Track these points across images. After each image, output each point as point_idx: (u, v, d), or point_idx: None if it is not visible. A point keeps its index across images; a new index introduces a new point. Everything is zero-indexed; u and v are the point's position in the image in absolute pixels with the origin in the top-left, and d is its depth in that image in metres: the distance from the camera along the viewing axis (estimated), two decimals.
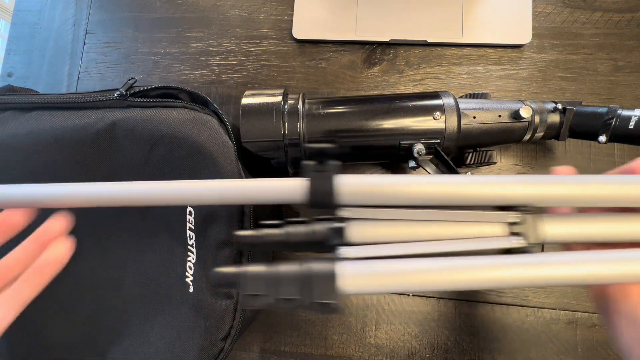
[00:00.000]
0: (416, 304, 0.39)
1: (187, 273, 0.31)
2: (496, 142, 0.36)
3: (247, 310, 0.32)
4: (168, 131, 0.31)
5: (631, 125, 0.31)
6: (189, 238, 0.31)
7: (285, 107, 0.33)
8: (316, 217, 0.21)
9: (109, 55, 0.47)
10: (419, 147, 0.33)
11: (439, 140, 0.33)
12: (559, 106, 0.35)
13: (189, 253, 0.31)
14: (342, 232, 0.20)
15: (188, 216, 0.31)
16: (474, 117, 0.34)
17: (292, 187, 0.20)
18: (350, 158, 0.37)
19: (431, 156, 0.34)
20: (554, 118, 0.35)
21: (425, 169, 0.33)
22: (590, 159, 0.40)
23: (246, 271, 0.18)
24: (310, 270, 0.18)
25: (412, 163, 0.34)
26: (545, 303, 0.38)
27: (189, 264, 0.31)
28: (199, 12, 0.47)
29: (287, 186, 0.20)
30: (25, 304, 0.20)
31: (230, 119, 0.33)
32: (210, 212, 0.31)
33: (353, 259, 0.19)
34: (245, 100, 0.34)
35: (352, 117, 0.34)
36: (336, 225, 0.20)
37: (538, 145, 0.41)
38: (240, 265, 0.19)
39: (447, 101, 0.33)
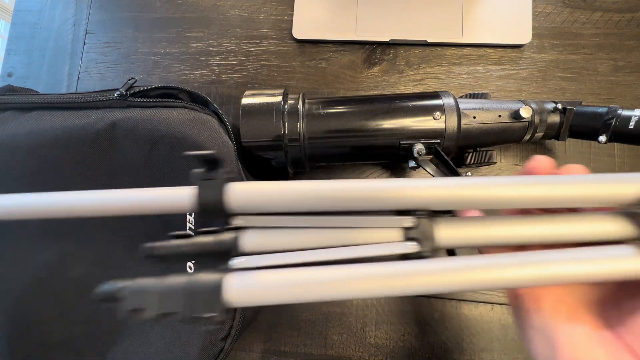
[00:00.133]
0: (416, 304, 0.39)
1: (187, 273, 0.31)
2: (496, 142, 0.36)
3: (247, 310, 0.32)
4: (168, 131, 0.31)
5: (631, 125, 0.31)
6: None
7: (285, 107, 0.33)
8: (203, 229, 0.20)
9: (109, 55, 0.47)
10: (419, 147, 0.33)
11: (439, 140, 0.33)
12: (559, 106, 0.35)
13: None
14: (235, 241, 0.19)
15: (188, 216, 0.31)
16: (474, 117, 0.34)
17: (180, 196, 0.19)
18: (350, 158, 0.37)
19: (431, 156, 0.34)
20: (554, 118, 0.35)
21: (425, 169, 0.33)
22: (590, 159, 0.40)
23: (130, 285, 0.18)
24: (197, 283, 0.17)
25: (412, 163, 0.34)
26: None
27: (189, 263, 0.31)
28: (199, 12, 0.47)
29: (175, 195, 0.19)
30: None
31: (230, 119, 0.33)
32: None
33: (243, 269, 0.18)
34: (245, 100, 0.34)
35: (352, 117, 0.34)
36: (227, 235, 0.20)
37: (538, 145, 0.41)
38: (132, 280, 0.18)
39: (447, 101, 0.33)
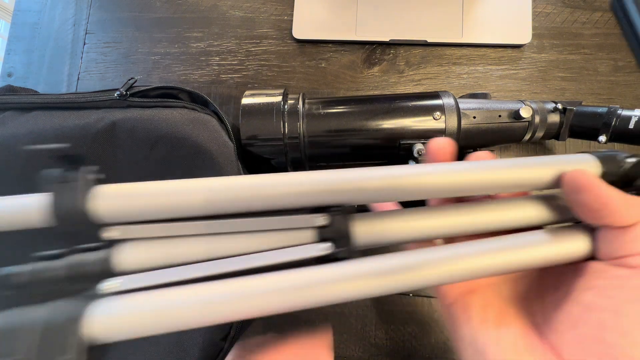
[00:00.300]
0: (416, 304, 0.39)
1: None
2: (496, 142, 0.36)
3: None
4: (168, 131, 0.31)
5: (631, 125, 0.31)
6: None
7: (285, 107, 0.33)
8: (82, 246, 0.16)
9: (109, 55, 0.47)
10: (418, 147, 0.33)
11: None
12: (559, 106, 0.35)
13: None
14: (106, 259, 0.16)
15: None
16: (474, 117, 0.34)
17: (26, 206, 0.14)
18: (350, 158, 0.37)
19: None
20: (554, 118, 0.35)
21: None
22: None
23: None
24: (52, 317, 0.13)
25: (412, 163, 0.34)
26: None
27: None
28: (199, 12, 0.47)
29: (18, 206, 0.14)
30: None
31: (230, 119, 0.33)
32: None
33: (116, 293, 0.15)
34: (245, 100, 0.34)
35: (352, 117, 0.34)
36: (96, 253, 0.16)
37: (538, 145, 0.41)
38: None
39: (447, 101, 0.33)
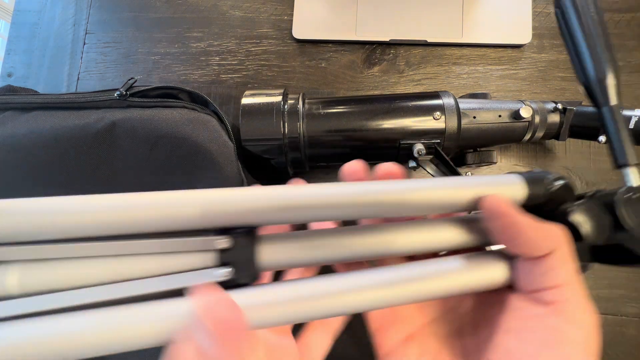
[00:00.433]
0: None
1: None
2: (496, 142, 0.36)
3: None
4: (168, 131, 0.31)
5: (631, 125, 0.31)
6: None
7: (285, 107, 0.33)
8: None
9: (109, 55, 0.47)
10: (419, 147, 0.33)
11: (439, 140, 0.33)
12: (559, 106, 0.35)
13: None
14: None
15: None
16: (474, 117, 0.34)
17: None
18: (350, 158, 0.36)
19: (431, 156, 0.34)
20: (554, 118, 0.35)
21: (425, 169, 0.33)
22: (590, 159, 0.40)
23: None
24: None
25: (412, 163, 0.34)
26: None
27: None
28: (199, 12, 0.47)
29: None
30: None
31: (230, 119, 0.33)
32: None
33: None
34: (245, 100, 0.34)
35: (352, 117, 0.34)
36: None
37: (538, 145, 0.41)
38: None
39: (447, 101, 0.33)
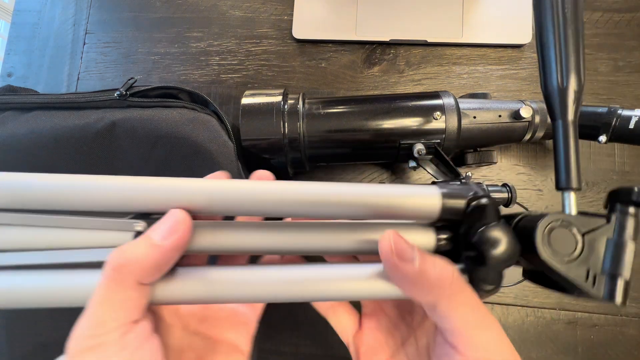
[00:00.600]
0: None
1: None
2: (496, 142, 0.36)
3: None
4: (168, 131, 0.31)
5: (631, 125, 0.31)
6: None
7: (285, 107, 0.33)
8: None
9: (109, 55, 0.47)
10: (419, 147, 0.33)
11: (439, 140, 0.33)
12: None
13: None
14: None
15: None
16: (474, 117, 0.34)
17: None
18: (350, 158, 0.37)
19: (431, 156, 0.34)
20: None
21: (425, 169, 0.33)
22: (591, 159, 0.40)
23: None
24: None
25: (412, 163, 0.34)
26: (545, 303, 0.38)
27: None
28: (199, 12, 0.47)
29: None
30: None
31: (230, 119, 0.33)
32: None
33: None
34: (245, 100, 0.34)
35: (352, 117, 0.34)
36: None
37: (538, 145, 0.41)
38: None
39: (447, 101, 0.33)
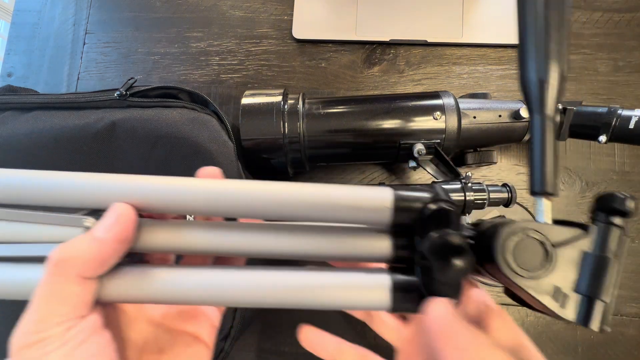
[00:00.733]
0: None
1: None
2: (496, 142, 0.36)
3: (247, 310, 0.32)
4: (168, 131, 0.31)
5: (631, 125, 0.31)
6: None
7: (285, 107, 0.33)
8: None
9: (109, 55, 0.47)
10: (419, 147, 0.33)
11: (439, 140, 0.33)
12: (559, 106, 0.34)
13: None
14: None
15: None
16: (474, 117, 0.34)
17: None
18: (350, 158, 0.37)
19: (431, 156, 0.34)
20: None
21: (425, 169, 0.33)
22: (591, 159, 0.40)
23: None
24: None
25: (412, 163, 0.34)
26: None
27: None
28: (199, 12, 0.47)
29: None
30: None
31: (230, 119, 0.33)
32: None
33: None
34: (245, 100, 0.34)
35: (352, 117, 0.34)
36: None
37: None
38: None
39: (447, 101, 0.33)
